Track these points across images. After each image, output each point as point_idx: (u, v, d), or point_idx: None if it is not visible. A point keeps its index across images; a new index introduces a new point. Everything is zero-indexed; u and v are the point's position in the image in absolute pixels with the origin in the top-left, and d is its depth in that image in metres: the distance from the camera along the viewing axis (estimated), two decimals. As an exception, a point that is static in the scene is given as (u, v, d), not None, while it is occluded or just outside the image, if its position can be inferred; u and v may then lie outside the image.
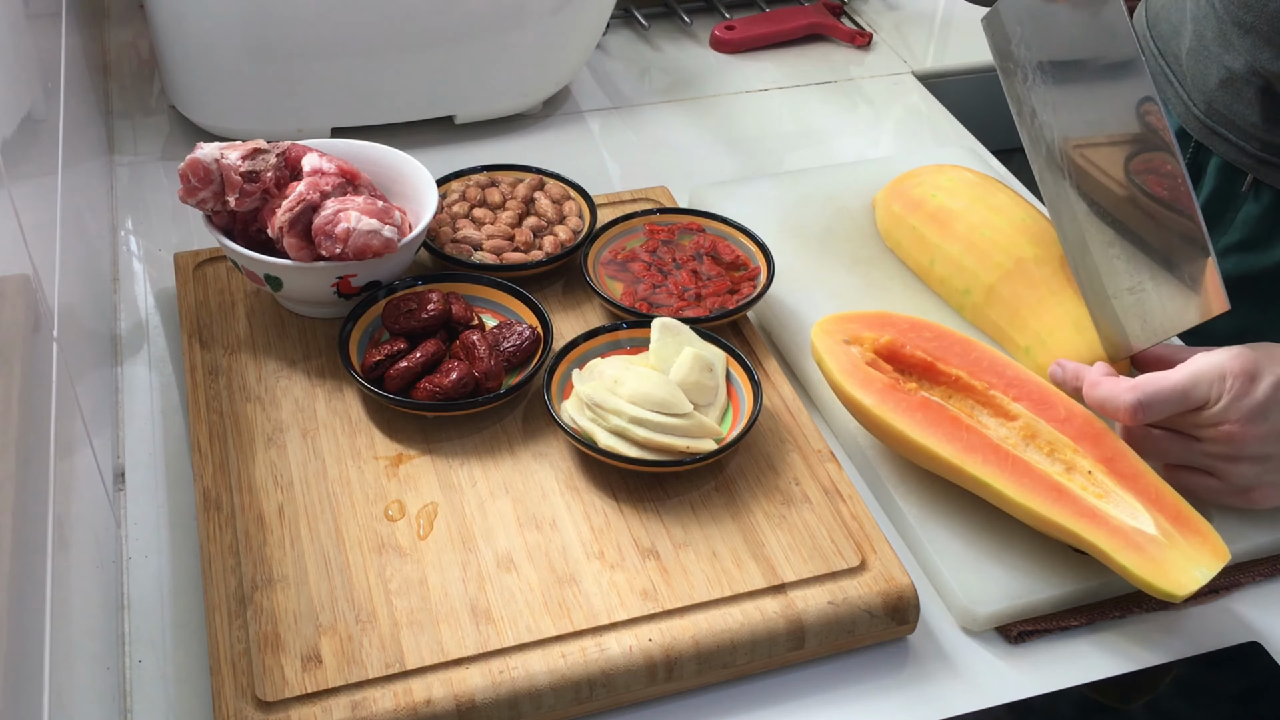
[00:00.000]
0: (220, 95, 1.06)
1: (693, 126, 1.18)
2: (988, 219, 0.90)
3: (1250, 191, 0.92)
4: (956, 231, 0.91)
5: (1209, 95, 0.92)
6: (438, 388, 0.78)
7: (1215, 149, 0.93)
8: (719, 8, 1.34)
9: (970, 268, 0.89)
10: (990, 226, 0.90)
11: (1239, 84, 0.89)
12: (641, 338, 0.83)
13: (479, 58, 1.09)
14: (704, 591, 0.71)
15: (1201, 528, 0.71)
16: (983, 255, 0.89)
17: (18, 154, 0.68)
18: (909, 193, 0.95)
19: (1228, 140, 0.91)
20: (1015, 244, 0.88)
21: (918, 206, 0.94)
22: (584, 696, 0.67)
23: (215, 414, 0.80)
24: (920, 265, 0.94)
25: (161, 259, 0.98)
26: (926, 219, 0.93)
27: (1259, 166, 0.90)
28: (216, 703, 0.64)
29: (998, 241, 0.89)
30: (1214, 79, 0.91)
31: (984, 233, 0.90)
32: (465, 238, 0.91)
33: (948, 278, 0.91)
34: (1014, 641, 0.73)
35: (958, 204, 0.92)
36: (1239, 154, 0.91)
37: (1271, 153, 0.89)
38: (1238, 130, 0.90)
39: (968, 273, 0.90)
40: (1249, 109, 0.89)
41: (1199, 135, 0.94)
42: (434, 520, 0.74)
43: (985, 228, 0.90)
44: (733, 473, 0.78)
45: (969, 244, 0.90)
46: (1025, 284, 0.87)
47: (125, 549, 0.76)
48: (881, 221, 0.98)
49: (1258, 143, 0.89)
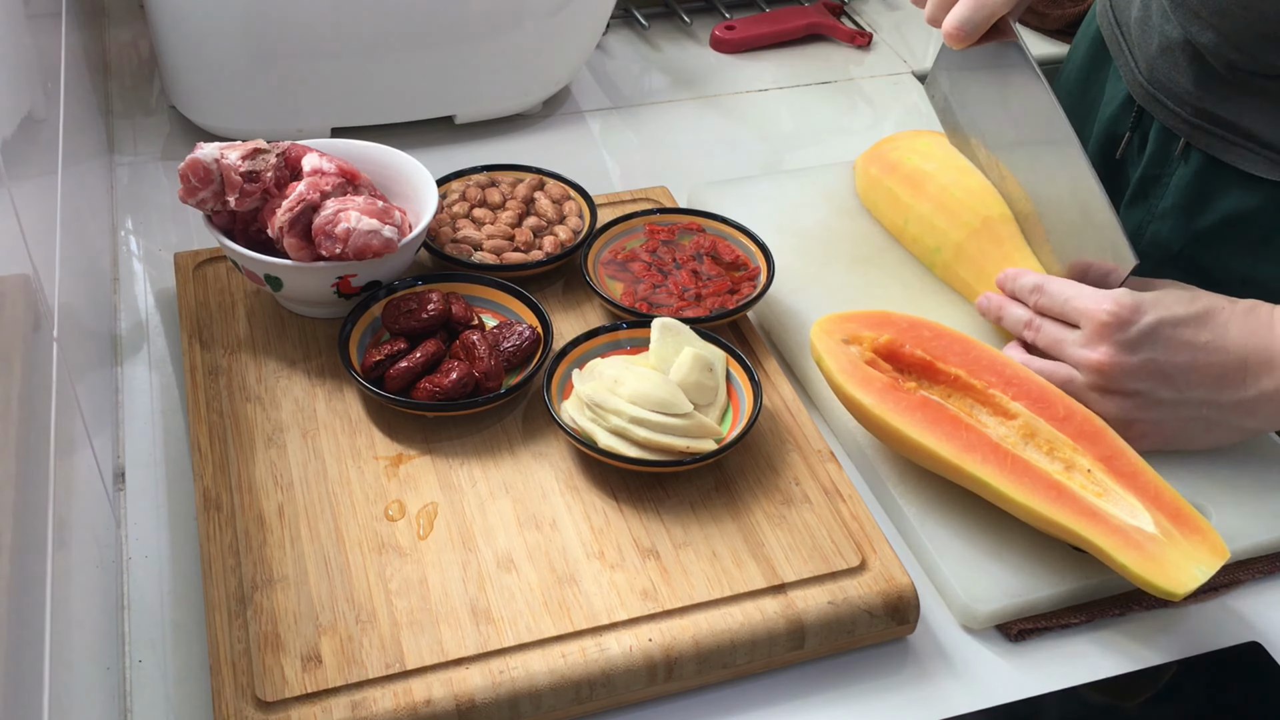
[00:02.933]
0: (220, 95, 1.06)
1: (692, 126, 1.18)
2: (958, 180, 0.94)
3: (1183, 156, 0.95)
4: (928, 192, 0.94)
5: (1150, 62, 0.95)
6: (438, 388, 0.78)
7: (1155, 114, 0.96)
8: (719, 8, 1.34)
9: (940, 226, 0.93)
10: (960, 187, 0.93)
11: (1175, 52, 0.92)
12: (641, 338, 0.83)
13: (479, 58, 1.09)
14: (704, 591, 0.71)
15: (1201, 525, 0.71)
16: (952, 214, 0.92)
17: (18, 154, 0.68)
18: (886, 156, 0.99)
19: (1165, 106, 0.95)
20: (983, 203, 0.92)
21: (894, 169, 0.97)
22: (584, 696, 0.67)
23: (215, 414, 0.80)
24: (895, 225, 0.98)
25: (161, 259, 0.98)
26: (901, 180, 0.96)
27: (1192, 131, 0.93)
28: (216, 703, 0.64)
29: (966, 201, 0.92)
30: (1154, 46, 0.94)
31: (954, 193, 0.93)
32: (465, 238, 0.91)
33: (920, 236, 0.95)
34: (1014, 640, 0.73)
35: (930, 166, 0.96)
36: (1175, 119, 0.94)
37: (1203, 118, 0.92)
38: (1173, 96, 0.93)
39: (938, 231, 0.93)
40: (1183, 76, 0.92)
41: (1142, 100, 0.97)
42: (434, 520, 0.74)
43: (955, 188, 0.93)
44: (733, 473, 0.78)
45: (939, 204, 0.93)
46: (991, 241, 0.90)
47: (125, 549, 0.76)
48: (860, 183, 1.01)
49: (1190, 108, 0.92)
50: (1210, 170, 0.93)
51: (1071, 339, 0.80)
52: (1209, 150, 0.92)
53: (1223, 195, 0.93)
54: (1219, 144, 0.91)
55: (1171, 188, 0.96)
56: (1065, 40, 1.32)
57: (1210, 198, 0.94)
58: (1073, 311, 0.79)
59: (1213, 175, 0.93)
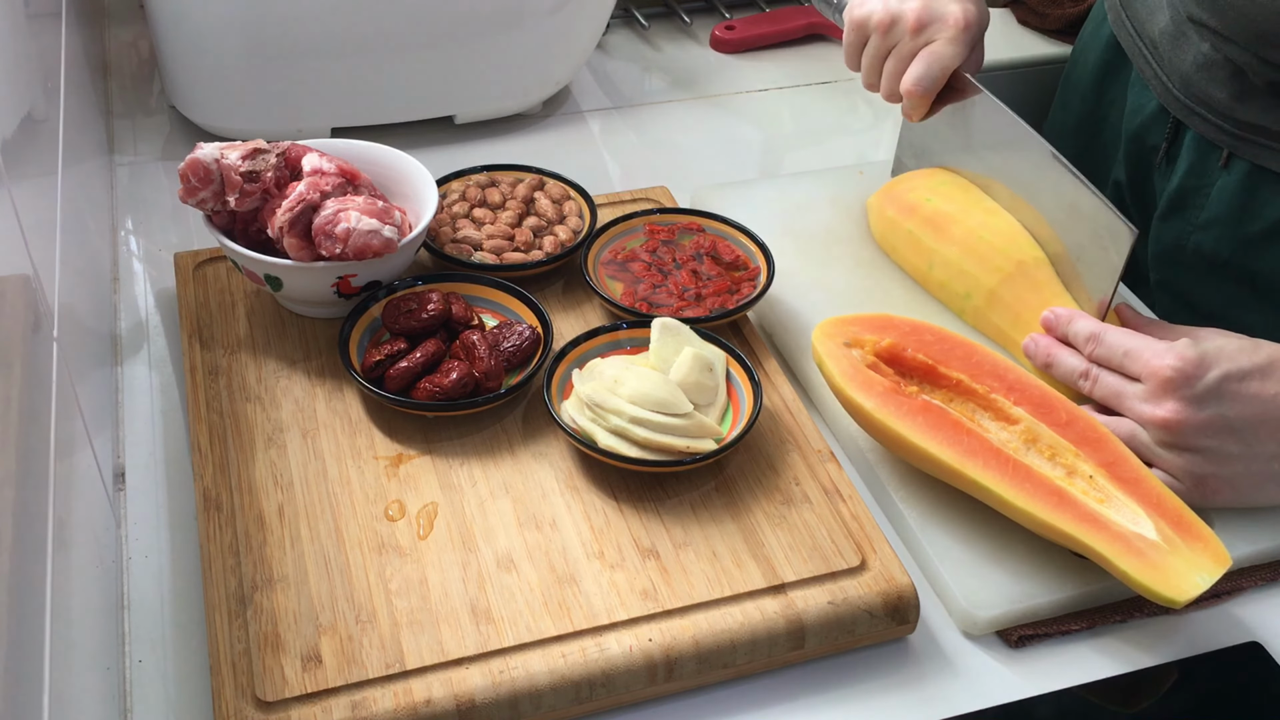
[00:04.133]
0: (220, 95, 1.06)
1: (693, 126, 1.18)
2: (985, 221, 0.90)
3: (1225, 166, 0.94)
4: (954, 235, 0.91)
5: (1185, 76, 0.94)
6: (438, 388, 0.78)
7: (1193, 125, 0.95)
8: (719, 8, 1.34)
9: (970, 271, 0.89)
10: (988, 229, 0.90)
11: (1213, 67, 0.91)
12: (641, 338, 0.83)
13: (479, 58, 1.09)
14: (704, 591, 0.71)
15: (1203, 533, 0.71)
16: (982, 259, 0.89)
17: (18, 154, 0.68)
18: (903, 197, 0.95)
19: (1204, 118, 0.93)
20: (1014, 246, 0.88)
21: (913, 211, 0.94)
22: (584, 696, 0.67)
23: (215, 414, 0.80)
24: (918, 270, 0.94)
25: (161, 259, 0.98)
26: (922, 223, 0.93)
27: (1235, 142, 0.92)
28: (216, 703, 0.64)
29: (996, 244, 0.89)
30: (1189, 61, 0.93)
31: (982, 235, 0.90)
32: (465, 238, 0.91)
33: (947, 282, 0.91)
34: (1014, 646, 0.73)
35: (952, 207, 0.92)
36: (1216, 131, 0.93)
37: (1245, 130, 0.91)
38: (1213, 109, 0.92)
39: (968, 277, 0.89)
40: (1222, 90, 0.91)
41: (1177, 112, 0.96)
42: (434, 520, 0.74)
43: (983, 230, 0.90)
44: (733, 473, 0.78)
45: (967, 248, 0.90)
46: (1027, 286, 0.87)
47: (125, 549, 0.76)
48: (875, 226, 0.98)
49: (1232, 120, 0.91)
50: (1257, 177, 0.91)
51: (1132, 393, 0.76)
52: (1254, 160, 0.91)
53: (1272, 200, 0.91)
54: (1265, 153, 0.89)
55: (1214, 197, 0.95)
56: (1065, 40, 1.32)
57: (1259, 204, 0.92)
58: (1133, 365, 0.76)
59: (1260, 182, 0.91)
